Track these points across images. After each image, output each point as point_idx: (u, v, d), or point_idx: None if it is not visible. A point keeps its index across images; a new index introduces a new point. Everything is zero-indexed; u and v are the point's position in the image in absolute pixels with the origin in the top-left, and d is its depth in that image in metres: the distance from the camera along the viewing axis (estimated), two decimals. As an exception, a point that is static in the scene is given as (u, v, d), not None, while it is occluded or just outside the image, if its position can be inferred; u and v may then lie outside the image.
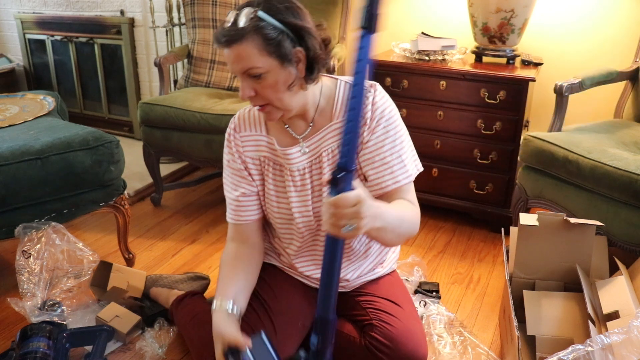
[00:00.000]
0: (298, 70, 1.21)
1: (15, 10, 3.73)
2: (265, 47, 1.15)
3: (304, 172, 1.36)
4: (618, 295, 1.45)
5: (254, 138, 1.39)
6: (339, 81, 1.35)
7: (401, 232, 1.21)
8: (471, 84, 2.23)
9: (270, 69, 1.18)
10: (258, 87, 1.20)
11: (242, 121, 1.41)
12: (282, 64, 1.18)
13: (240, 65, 1.18)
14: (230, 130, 1.42)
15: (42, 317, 1.60)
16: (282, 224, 1.43)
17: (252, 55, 1.16)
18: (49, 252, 1.73)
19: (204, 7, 2.72)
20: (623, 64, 2.31)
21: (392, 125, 1.30)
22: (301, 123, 1.35)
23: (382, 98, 1.30)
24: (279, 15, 1.17)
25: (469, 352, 1.63)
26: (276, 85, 1.20)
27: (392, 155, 1.29)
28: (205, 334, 1.46)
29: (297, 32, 1.18)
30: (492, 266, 2.13)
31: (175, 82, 3.12)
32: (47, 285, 1.70)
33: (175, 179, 2.96)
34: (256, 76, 1.18)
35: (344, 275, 1.45)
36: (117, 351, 1.65)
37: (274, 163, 1.39)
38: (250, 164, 1.41)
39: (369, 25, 0.98)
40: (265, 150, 1.39)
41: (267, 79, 1.19)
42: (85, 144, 1.84)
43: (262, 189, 1.43)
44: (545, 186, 1.96)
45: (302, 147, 1.35)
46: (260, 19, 1.15)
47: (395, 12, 2.73)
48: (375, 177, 1.30)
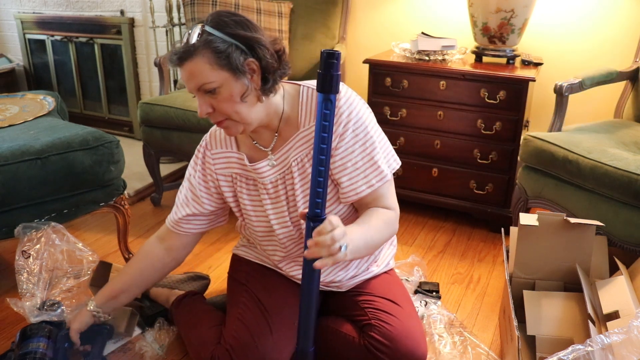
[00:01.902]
0: (253, 81, 1.22)
1: (15, 10, 3.73)
2: (216, 61, 1.17)
3: (277, 184, 1.37)
4: (618, 295, 1.45)
5: (225, 155, 1.41)
6: (302, 87, 1.34)
7: (376, 246, 1.29)
8: (471, 84, 2.23)
9: (223, 82, 1.19)
10: (214, 102, 1.22)
11: (214, 139, 1.43)
12: (235, 76, 1.19)
13: (194, 81, 1.20)
14: (201, 147, 1.45)
15: (41, 317, 1.60)
16: (264, 236, 1.45)
17: (204, 70, 1.18)
18: (49, 252, 1.73)
19: (204, 7, 2.72)
20: (623, 64, 2.31)
21: (360, 128, 1.29)
22: (267, 134, 1.36)
23: (347, 101, 1.28)
24: (227, 28, 1.19)
25: (469, 352, 1.63)
26: (231, 97, 1.21)
27: (363, 160, 1.29)
28: (203, 334, 1.46)
29: (247, 43, 1.20)
30: (492, 266, 2.13)
31: (175, 82, 3.12)
32: (46, 285, 1.70)
33: (175, 179, 2.96)
34: (211, 91, 1.20)
35: (333, 278, 1.46)
36: (117, 351, 1.65)
37: (247, 178, 1.40)
38: (223, 181, 1.43)
39: (329, 89, 1.02)
40: (236, 167, 1.40)
41: (221, 93, 1.20)
42: (85, 144, 1.84)
43: (237, 205, 1.46)
44: (545, 186, 1.96)
45: (271, 160, 1.36)
46: (209, 34, 1.18)
47: (395, 12, 2.73)
48: (348, 184, 1.30)
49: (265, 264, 1.54)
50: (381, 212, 1.30)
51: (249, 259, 1.57)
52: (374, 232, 1.25)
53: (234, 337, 1.36)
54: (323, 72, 1.02)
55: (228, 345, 1.35)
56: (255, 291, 1.45)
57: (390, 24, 2.75)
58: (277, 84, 1.27)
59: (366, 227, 1.24)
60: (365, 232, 1.22)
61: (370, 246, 1.25)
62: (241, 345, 1.34)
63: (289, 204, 1.37)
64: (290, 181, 1.35)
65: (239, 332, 1.36)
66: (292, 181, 1.34)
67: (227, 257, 2.17)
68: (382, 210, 1.31)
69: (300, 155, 1.33)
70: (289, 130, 1.34)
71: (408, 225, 2.43)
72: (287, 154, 1.34)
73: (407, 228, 2.41)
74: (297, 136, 1.33)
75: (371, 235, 1.23)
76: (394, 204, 1.35)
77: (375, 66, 2.38)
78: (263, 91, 1.25)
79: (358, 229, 1.21)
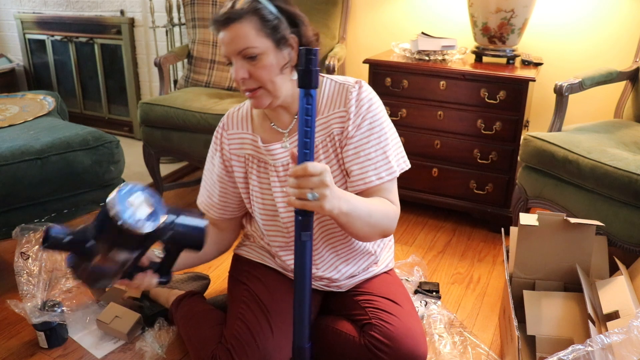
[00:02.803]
0: (290, 56, 1.26)
1: (15, 10, 3.73)
2: (263, 28, 1.21)
3: (288, 167, 1.38)
4: (618, 295, 1.45)
5: (240, 136, 1.43)
6: (325, 79, 1.38)
7: (373, 224, 1.23)
8: (471, 84, 2.23)
9: (265, 50, 1.22)
10: (252, 69, 1.23)
11: (231, 120, 1.46)
12: (277, 47, 1.23)
13: (237, 45, 1.21)
14: (219, 128, 1.47)
15: (42, 317, 1.60)
16: (267, 220, 1.44)
17: (250, 35, 1.20)
18: (47, 253, 1.73)
19: (204, 7, 2.72)
20: (623, 64, 2.31)
21: (377, 122, 1.32)
22: (286, 116, 1.38)
23: (367, 94, 1.32)
24: (275, 1, 1.24)
25: (469, 352, 1.63)
26: (270, 67, 1.23)
27: (376, 152, 1.31)
28: (203, 333, 1.46)
29: (292, 19, 1.25)
30: (492, 266, 2.13)
31: (175, 82, 3.12)
32: (46, 286, 1.70)
33: (175, 179, 2.96)
34: (251, 57, 1.22)
35: (330, 275, 1.46)
36: (117, 351, 1.65)
37: (258, 160, 1.42)
38: (235, 161, 1.44)
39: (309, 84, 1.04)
40: (250, 148, 1.42)
41: (262, 60, 1.22)
42: (85, 144, 1.84)
43: (246, 187, 1.47)
44: (545, 186, 1.96)
45: (285, 142, 1.37)
46: (257, 2, 1.21)
47: (395, 12, 2.73)
48: (359, 172, 1.32)
49: (266, 263, 1.54)
50: (385, 201, 1.31)
51: (251, 259, 1.57)
52: (370, 207, 1.22)
53: (234, 336, 1.36)
54: (303, 69, 1.03)
55: (229, 345, 1.35)
56: (256, 290, 1.45)
57: (390, 24, 2.75)
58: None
59: (363, 200, 1.22)
60: (360, 201, 1.19)
61: (362, 218, 1.18)
62: (242, 344, 1.34)
63: None
64: None
65: (240, 331, 1.36)
66: None
67: (227, 257, 2.16)
68: (386, 200, 1.32)
69: (315, 141, 1.35)
70: None
71: (408, 225, 2.43)
72: None
73: (407, 228, 2.41)
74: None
75: (367, 208, 1.20)
76: (396, 202, 1.35)
77: (375, 66, 2.38)
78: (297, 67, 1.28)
79: (353, 196, 1.19)
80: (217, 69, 2.72)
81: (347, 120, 1.31)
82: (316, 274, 1.45)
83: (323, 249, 1.43)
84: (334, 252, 1.45)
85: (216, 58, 2.72)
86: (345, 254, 1.46)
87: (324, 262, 1.45)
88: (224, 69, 2.71)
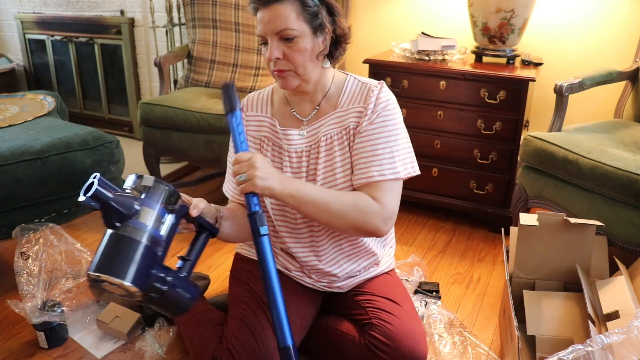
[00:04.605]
0: (324, 44, 1.30)
1: (15, 10, 3.73)
2: (303, 13, 1.25)
3: (301, 155, 1.39)
4: (618, 295, 1.45)
5: (258, 118, 1.46)
6: (349, 76, 1.42)
7: (334, 214, 1.26)
8: (471, 84, 2.23)
9: (303, 34, 1.25)
10: (287, 51, 1.27)
11: (250, 102, 1.48)
12: (314, 33, 1.27)
13: (275, 24, 1.24)
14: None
15: (42, 317, 1.60)
16: (277, 208, 1.44)
17: (290, 17, 1.24)
18: (47, 253, 1.73)
19: (204, 7, 2.72)
20: (623, 64, 2.31)
21: (391, 122, 1.34)
22: (308, 105, 1.41)
23: (386, 95, 1.35)
24: None
25: (469, 352, 1.63)
26: (305, 51, 1.27)
27: (384, 150, 1.32)
28: (203, 333, 1.46)
29: (330, 9, 1.29)
30: (492, 266, 2.13)
31: (175, 82, 3.12)
32: (46, 286, 1.70)
33: (175, 179, 2.96)
34: (288, 39, 1.25)
35: (331, 269, 1.46)
36: (117, 351, 1.65)
37: (273, 144, 1.43)
38: (252, 142, 1.46)
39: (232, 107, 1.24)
40: (267, 130, 1.44)
41: (298, 43, 1.26)
42: (85, 144, 1.84)
43: None
44: (545, 186, 1.96)
45: (302, 130, 1.40)
46: None
47: (395, 12, 2.73)
48: (363, 166, 1.32)
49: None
50: (362, 195, 1.29)
51: (252, 258, 1.57)
52: (330, 196, 1.26)
53: (235, 336, 1.36)
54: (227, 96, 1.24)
55: (230, 345, 1.35)
56: (257, 290, 1.45)
57: (390, 24, 2.75)
58: (342, 54, 1.37)
59: (321, 188, 1.30)
60: (315, 188, 1.27)
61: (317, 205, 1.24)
62: (243, 344, 1.34)
63: (309, 177, 1.40)
64: (314, 155, 1.38)
65: (240, 331, 1.36)
66: (317, 155, 1.38)
67: (228, 257, 2.17)
68: (365, 196, 1.29)
69: (331, 132, 1.37)
70: (327, 107, 1.39)
71: (408, 225, 2.43)
72: (319, 129, 1.38)
73: (407, 228, 2.41)
74: (333, 114, 1.38)
75: (324, 195, 1.25)
76: (388, 203, 1.30)
77: (375, 66, 2.38)
78: (329, 57, 1.34)
79: (306, 183, 1.30)
80: (217, 69, 2.72)
81: (364, 116, 1.33)
82: (317, 266, 1.45)
83: (328, 243, 1.44)
84: (338, 247, 1.45)
85: (216, 58, 2.72)
86: (348, 251, 1.46)
87: (328, 256, 1.45)
88: (224, 69, 2.71)
